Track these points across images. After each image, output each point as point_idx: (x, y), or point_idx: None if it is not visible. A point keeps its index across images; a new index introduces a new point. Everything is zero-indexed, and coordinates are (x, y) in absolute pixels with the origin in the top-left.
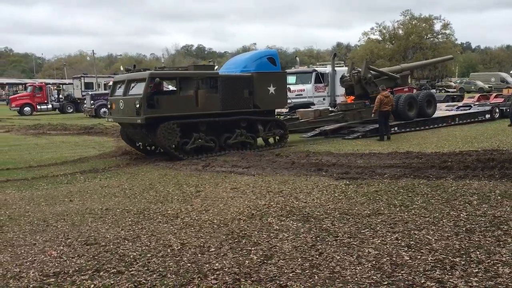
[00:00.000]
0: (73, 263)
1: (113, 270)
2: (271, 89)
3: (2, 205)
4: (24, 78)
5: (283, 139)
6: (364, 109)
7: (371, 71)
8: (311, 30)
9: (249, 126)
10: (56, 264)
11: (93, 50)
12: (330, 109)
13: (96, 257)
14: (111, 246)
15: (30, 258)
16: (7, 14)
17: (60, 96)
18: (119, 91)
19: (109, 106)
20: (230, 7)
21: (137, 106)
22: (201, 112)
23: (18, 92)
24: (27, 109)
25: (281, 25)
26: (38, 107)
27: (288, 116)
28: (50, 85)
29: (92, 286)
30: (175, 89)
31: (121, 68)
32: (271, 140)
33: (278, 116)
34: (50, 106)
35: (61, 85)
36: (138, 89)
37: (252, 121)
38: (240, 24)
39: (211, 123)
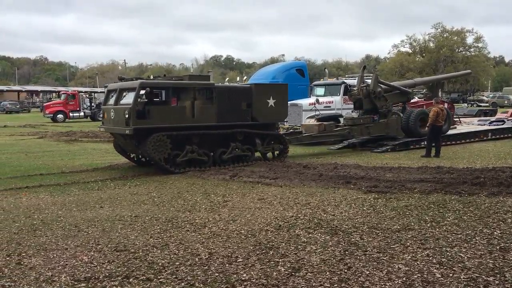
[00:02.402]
0: (103, 269)
1: (142, 277)
2: (271, 102)
3: (36, 210)
4: (58, 86)
5: (282, 154)
6: (372, 124)
7: (381, 85)
8: (337, 42)
9: (246, 139)
10: (87, 269)
11: (124, 60)
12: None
13: (125, 264)
14: (140, 253)
15: (62, 263)
16: (39, 24)
17: (92, 104)
18: (112, 100)
19: (101, 115)
20: (253, 17)
21: (126, 116)
22: (194, 124)
23: (52, 99)
24: (60, 116)
25: (305, 36)
26: (71, 114)
27: (291, 130)
28: (82, 93)
29: None
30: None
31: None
32: (269, 155)
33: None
34: (82, 113)
35: (93, 93)
36: (129, 99)
37: (250, 135)
38: (264, 35)
39: (205, 135)
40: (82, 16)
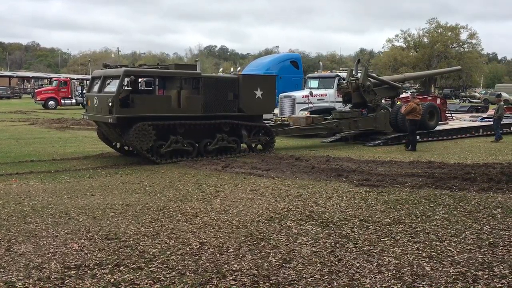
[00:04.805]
0: (93, 257)
1: (133, 266)
2: (258, 93)
3: (26, 196)
4: (50, 72)
5: (268, 146)
6: (361, 118)
7: (370, 79)
8: (331, 35)
9: (232, 131)
10: (77, 257)
11: (118, 48)
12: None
13: (116, 252)
14: (131, 241)
15: (52, 250)
16: (28, 9)
17: (84, 91)
18: (96, 88)
19: (85, 103)
20: (244, 8)
21: (110, 104)
22: (180, 114)
23: (44, 86)
24: (51, 103)
25: (298, 28)
26: (63, 101)
27: (279, 122)
28: (74, 80)
29: (112, 280)
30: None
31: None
32: (259, 147)
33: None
34: (74, 101)
35: (84, 81)
36: (113, 87)
37: (236, 126)
38: (255, 26)
39: (190, 126)
40: (70, 2)
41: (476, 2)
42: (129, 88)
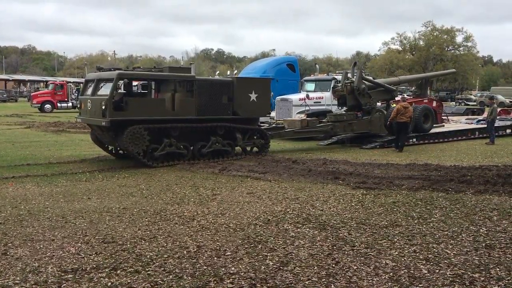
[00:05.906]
0: (90, 260)
1: (130, 269)
2: (253, 96)
3: (22, 200)
4: (46, 75)
5: (263, 149)
6: (356, 121)
7: (365, 82)
8: (324, 37)
9: (227, 134)
10: (74, 261)
11: (114, 51)
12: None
13: (113, 256)
14: (128, 245)
15: (49, 254)
16: (23, 12)
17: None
18: (90, 91)
19: (78, 106)
20: (240, 11)
21: (103, 107)
22: (174, 117)
23: (40, 89)
24: (47, 106)
25: (293, 31)
26: (59, 104)
27: (273, 125)
28: (70, 84)
29: (109, 284)
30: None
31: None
32: (254, 149)
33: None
34: (70, 104)
35: (80, 84)
36: (106, 90)
37: (230, 129)
38: (251, 29)
39: (184, 129)
40: (67, 5)
41: (471, 5)
42: (123, 91)
